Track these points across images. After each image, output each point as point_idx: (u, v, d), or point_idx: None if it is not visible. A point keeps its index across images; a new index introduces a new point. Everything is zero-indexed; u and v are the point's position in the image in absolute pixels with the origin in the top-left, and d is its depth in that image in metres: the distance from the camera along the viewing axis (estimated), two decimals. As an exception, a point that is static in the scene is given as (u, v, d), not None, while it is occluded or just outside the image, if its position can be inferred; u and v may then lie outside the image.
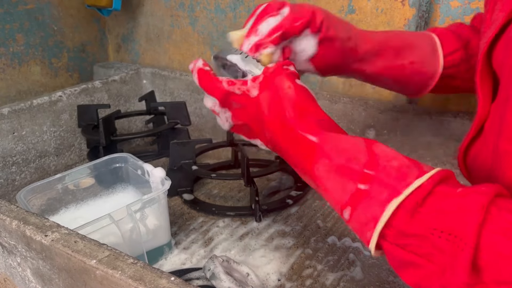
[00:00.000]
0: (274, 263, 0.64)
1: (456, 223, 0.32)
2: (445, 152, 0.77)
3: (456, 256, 0.32)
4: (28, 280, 0.52)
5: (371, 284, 0.59)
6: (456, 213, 0.33)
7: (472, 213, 0.32)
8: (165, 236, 0.66)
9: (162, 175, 0.64)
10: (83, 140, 0.97)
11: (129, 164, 0.73)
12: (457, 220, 0.33)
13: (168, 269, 0.63)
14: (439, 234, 0.33)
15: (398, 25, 0.80)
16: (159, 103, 0.97)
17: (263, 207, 0.74)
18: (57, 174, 0.69)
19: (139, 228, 0.61)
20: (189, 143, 0.80)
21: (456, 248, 0.32)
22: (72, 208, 0.71)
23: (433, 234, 0.33)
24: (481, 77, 0.44)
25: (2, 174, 0.84)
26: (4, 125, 0.83)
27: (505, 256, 0.30)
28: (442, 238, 0.33)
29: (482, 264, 0.31)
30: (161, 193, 0.62)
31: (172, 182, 0.83)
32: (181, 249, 0.67)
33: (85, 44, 1.21)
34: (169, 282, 0.37)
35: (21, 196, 0.63)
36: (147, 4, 1.14)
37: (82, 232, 0.47)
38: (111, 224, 0.57)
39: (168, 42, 1.15)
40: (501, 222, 0.32)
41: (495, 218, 0.32)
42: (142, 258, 0.62)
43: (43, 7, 1.09)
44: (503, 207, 0.32)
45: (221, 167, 0.92)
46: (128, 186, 0.75)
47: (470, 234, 0.31)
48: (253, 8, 0.96)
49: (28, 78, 1.10)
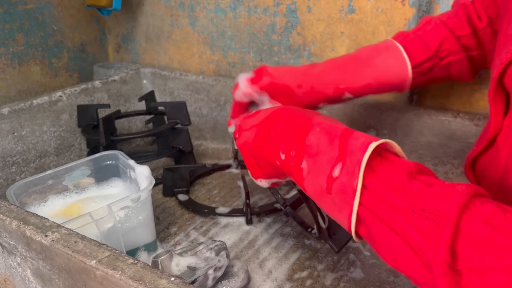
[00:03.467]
0: (274, 263, 0.64)
1: (439, 204, 0.33)
2: (445, 152, 0.77)
3: (436, 234, 0.32)
4: (28, 280, 0.52)
5: (371, 284, 0.59)
6: (440, 197, 0.33)
7: (456, 197, 0.32)
8: (148, 235, 0.65)
9: (148, 174, 0.64)
10: (83, 140, 0.97)
11: (120, 161, 0.73)
12: (440, 202, 0.33)
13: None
14: (420, 212, 0.33)
15: (398, 25, 0.80)
16: (159, 103, 0.97)
17: (254, 210, 0.74)
18: (48, 171, 0.69)
19: (119, 227, 0.60)
20: (182, 169, 0.81)
21: (437, 225, 0.32)
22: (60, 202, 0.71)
23: (414, 211, 0.34)
24: (494, 94, 0.45)
25: (2, 174, 0.84)
26: (4, 125, 0.83)
27: (483, 243, 0.31)
28: (422, 216, 0.33)
29: (459, 249, 0.31)
30: (145, 192, 0.61)
31: (168, 182, 0.84)
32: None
33: (85, 44, 1.21)
34: (169, 283, 0.37)
35: (11, 192, 0.63)
36: (147, 4, 1.14)
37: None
38: (91, 223, 0.57)
39: (168, 42, 1.15)
40: (483, 210, 0.32)
41: (477, 206, 0.32)
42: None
43: (43, 7, 1.09)
44: (488, 201, 0.33)
45: (221, 168, 0.92)
46: (117, 185, 0.74)
47: (452, 214, 0.32)
48: (253, 8, 0.97)
49: (28, 78, 1.10)
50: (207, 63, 1.10)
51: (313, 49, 0.92)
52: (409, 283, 0.59)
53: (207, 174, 0.90)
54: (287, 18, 0.93)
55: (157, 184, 0.84)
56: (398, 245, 0.36)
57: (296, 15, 0.92)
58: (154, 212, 0.66)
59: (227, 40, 1.04)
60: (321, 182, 0.42)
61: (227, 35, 1.03)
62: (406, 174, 0.37)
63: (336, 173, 0.40)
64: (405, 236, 0.35)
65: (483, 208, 0.32)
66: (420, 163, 0.39)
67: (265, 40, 0.98)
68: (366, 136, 0.41)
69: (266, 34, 0.97)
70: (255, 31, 0.99)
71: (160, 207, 0.79)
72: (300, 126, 0.47)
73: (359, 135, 0.41)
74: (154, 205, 0.71)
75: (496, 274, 0.30)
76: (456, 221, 0.31)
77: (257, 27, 0.98)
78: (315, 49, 0.92)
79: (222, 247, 0.57)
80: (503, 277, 0.29)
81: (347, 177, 0.39)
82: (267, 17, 0.96)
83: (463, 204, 0.32)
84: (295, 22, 0.92)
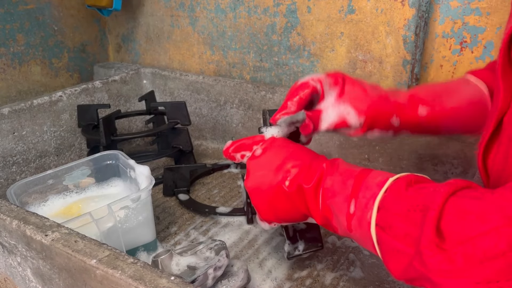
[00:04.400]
0: (274, 262, 0.64)
1: (429, 198, 0.35)
2: (445, 152, 0.77)
3: (423, 220, 0.34)
4: (29, 279, 0.52)
5: (370, 284, 0.59)
6: (432, 192, 0.36)
7: (443, 187, 0.35)
8: (148, 235, 0.66)
9: (148, 174, 0.64)
10: (83, 140, 0.97)
11: (120, 161, 0.73)
12: (430, 196, 0.35)
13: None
14: (414, 209, 0.36)
15: (398, 25, 0.80)
16: (159, 103, 0.97)
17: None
18: (48, 171, 0.69)
19: (119, 227, 0.60)
20: (182, 169, 0.81)
21: (425, 214, 0.34)
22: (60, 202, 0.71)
23: (409, 210, 0.36)
24: (503, 69, 0.43)
25: (2, 174, 0.84)
26: (4, 125, 0.83)
27: (466, 214, 0.32)
28: (416, 211, 0.35)
29: (443, 227, 0.33)
30: (145, 192, 0.62)
31: (169, 182, 0.84)
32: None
33: (86, 44, 1.21)
34: (169, 282, 0.37)
35: (11, 192, 0.63)
36: (147, 4, 1.14)
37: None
38: (91, 223, 0.57)
39: (168, 42, 1.15)
40: (469, 192, 0.34)
41: (464, 192, 0.34)
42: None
43: (43, 7, 1.09)
44: (477, 188, 0.35)
45: (221, 168, 0.92)
46: (117, 184, 0.75)
47: (437, 201, 0.34)
48: (253, 8, 0.97)
49: (28, 78, 1.10)
50: (207, 63, 1.10)
51: (313, 49, 0.92)
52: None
53: (207, 174, 0.90)
54: (287, 18, 0.93)
55: (157, 184, 0.85)
56: (400, 251, 0.37)
57: (296, 15, 0.92)
58: (154, 212, 0.66)
59: (227, 40, 1.04)
60: (342, 221, 0.44)
61: (227, 35, 1.03)
62: (404, 184, 0.39)
63: (352, 210, 0.42)
64: (406, 239, 0.36)
65: (469, 191, 0.34)
66: (422, 176, 0.41)
67: (265, 40, 0.98)
68: (384, 173, 0.43)
69: (266, 34, 0.97)
70: (255, 31, 0.99)
71: (160, 206, 0.80)
72: (315, 170, 0.48)
73: (377, 174, 0.43)
74: (154, 204, 0.71)
75: (482, 240, 0.30)
76: (441, 204, 0.33)
77: (257, 27, 0.98)
78: (315, 49, 0.92)
79: (222, 246, 0.57)
80: (488, 242, 0.29)
81: (361, 212, 0.41)
82: (267, 17, 0.96)
83: (448, 192, 0.34)
84: (295, 22, 0.92)
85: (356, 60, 0.87)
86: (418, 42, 0.78)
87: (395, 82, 0.84)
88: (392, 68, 0.84)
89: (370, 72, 0.86)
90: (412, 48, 0.80)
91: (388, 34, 0.82)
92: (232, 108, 0.99)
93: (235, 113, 0.99)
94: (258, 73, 1.02)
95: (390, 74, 0.84)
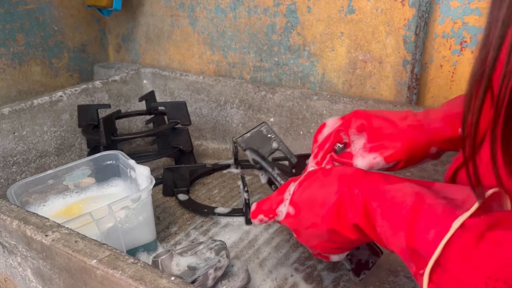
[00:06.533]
0: (274, 262, 0.64)
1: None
2: (445, 152, 0.77)
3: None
4: (29, 280, 0.52)
5: (370, 284, 0.59)
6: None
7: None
8: (148, 235, 0.66)
9: (148, 174, 0.64)
10: (83, 140, 0.97)
11: (120, 161, 0.73)
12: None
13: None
14: (495, 279, 0.31)
15: (398, 25, 0.80)
16: (159, 103, 0.97)
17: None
18: (48, 171, 0.69)
19: (120, 227, 0.60)
20: (182, 169, 0.80)
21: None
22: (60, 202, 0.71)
23: (487, 283, 0.31)
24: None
25: (2, 174, 0.84)
26: (4, 125, 0.83)
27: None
28: (499, 281, 0.31)
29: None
30: (145, 192, 0.62)
31: (168, 182, 0.84)
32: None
33: (86, 44, 1.21)
34: (169, 282, 0.37)
35: (11, 192, 0.63)
36: (147, 4, 1.14)
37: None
38: (92, 223, 0.57)
39: (168, 42, 1.15)
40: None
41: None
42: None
43: (43, 7, 1.09)
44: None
45: (221, 168, 0.92)
46: (117, 184, 0.75)
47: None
48: (253, 8, 0.97)
49: (28, 78, 1.10)
50: (207, 63, 1.10)
51: (313, 49, 0.92)
52: (408, 283, 0.59)
53: (207, 174, 0.90)
54: (287, 18, 0.93)
55: (157, 184, 0.85)
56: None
57: (296, 15, 0.92)
58: (154, 212, 0.66)
59: (227, 40, 1.04)
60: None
61: (227, 35, 1.03)
62: (475, 237, 0.33)
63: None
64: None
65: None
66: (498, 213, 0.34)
67: (265, 40, 0.98)
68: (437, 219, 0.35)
69: (266, 34, 0.97)
70: (255, 31, 0.99)
71: (160, 207, 0.80)
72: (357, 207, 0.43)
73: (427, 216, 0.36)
74: (154, 205, 0.71)
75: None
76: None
77: (257, 27, 0.98)
78: (315, 49, 0.92)
79: (222, 246, 0.58)
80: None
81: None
82: (267, 17, 0.96)
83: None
84: (295, 22, 0.93)
85: (356, 60, 0.87)
86: (418, 42, 0.78)
87: (395, 82, 0.84)
88: (392, 68, 0.84)
89: (370, 72, 0.86)
90: (412, 48, 0.80)
91: (388, 34, 0.82)
92: (232, 108, 0.99)
93: (235, 113, 0.99)
94: (258, 73, 1.02)
95: (390, 74, 0.84)
